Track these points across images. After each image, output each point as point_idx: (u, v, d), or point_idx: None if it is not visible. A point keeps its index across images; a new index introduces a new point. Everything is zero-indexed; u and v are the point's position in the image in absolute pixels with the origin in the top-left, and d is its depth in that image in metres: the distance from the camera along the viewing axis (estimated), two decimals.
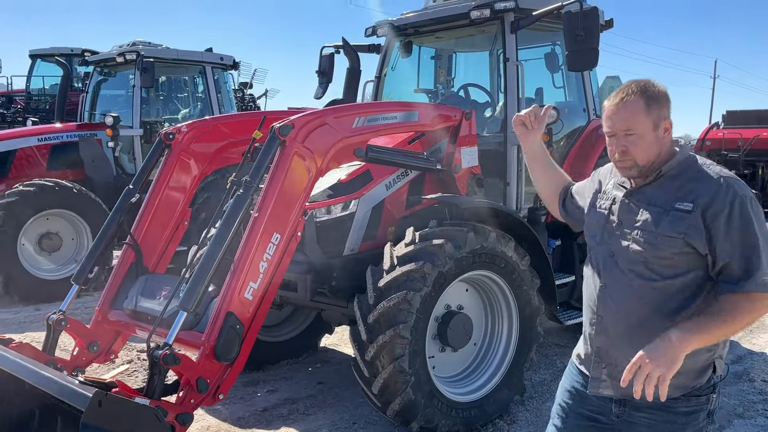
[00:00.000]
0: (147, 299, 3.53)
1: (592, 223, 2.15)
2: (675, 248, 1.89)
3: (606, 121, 2.03)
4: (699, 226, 1.86)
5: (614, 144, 2.00)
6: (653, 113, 1.95)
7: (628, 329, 1.97)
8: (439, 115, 4.51)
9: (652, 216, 1.94)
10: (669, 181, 1.97)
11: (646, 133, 1.95)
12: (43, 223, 7.10)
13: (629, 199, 2.04)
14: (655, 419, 1.98)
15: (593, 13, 4.32)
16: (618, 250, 2.02)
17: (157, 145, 4.02)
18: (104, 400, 2.23)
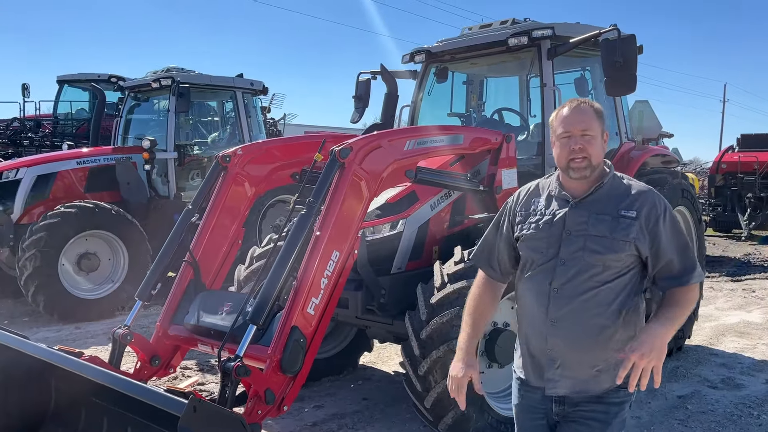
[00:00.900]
0: (209, 314, 3.67)
1: (539, 238, 2.24)
2: (626, 251, 2.14)
3: (562, 125, 2.21)
4: (643, 231, 2.13)
5: (570, 144, 2.17)
6: (601, 122, 2.22)
7: (584, 329, 2.16)
8: (481, 139, 4.67)
9: (605, 224, 2.15)
10: (608, 193, 2.20)
11: (598, 136, 2.20)
12: (82, 243, 7.29)
13: (577, 210, 2.20)
14: (593, 412, 2.19)
15: (631, 40, 4.50)
16: (571, 257, 2.17)
17: (215, 167, 4.18)
18: (198, 406, 2.35)
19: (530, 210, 2.31)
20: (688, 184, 6.05)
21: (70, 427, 3.63)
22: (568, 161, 2.19)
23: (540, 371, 2.24)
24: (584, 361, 2.17)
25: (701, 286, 3.04)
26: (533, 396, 2.28)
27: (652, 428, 4.33)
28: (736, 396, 4.91)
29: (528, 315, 2.28)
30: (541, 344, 2.22)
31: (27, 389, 3.61)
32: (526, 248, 2.29)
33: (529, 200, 2.33)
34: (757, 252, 12.94)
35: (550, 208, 2.26)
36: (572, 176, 2.20)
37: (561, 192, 2.26)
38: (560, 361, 2.19)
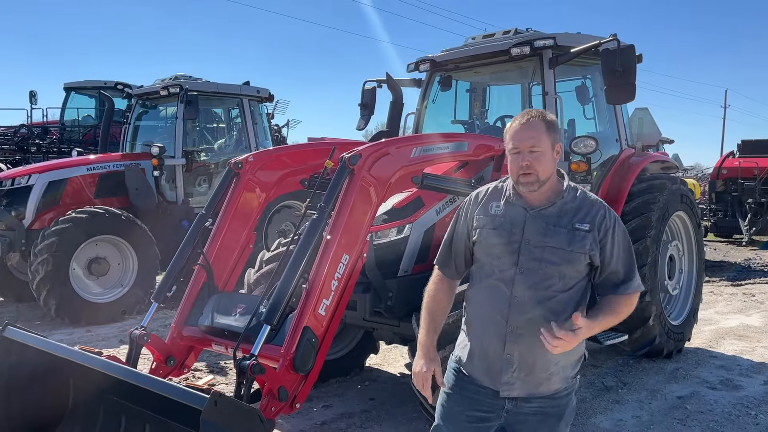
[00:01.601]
0: (223, 316, 3.80)
1: (497, 245, 2.30)
2: (582, 262, 2.25)
3: (512, 140, 2.29)
4: (596, 242, 2.24)
5: (519, 160, 2.25)
6: (552, 136, 2.28)
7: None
8: (485, 146, 4.81)
9: (561, 236, 2.24)
10: (564, 205, 2.29)
11: (546, 151, 2.25)
12: (93, 248, 7.42)
13: (535, 221, 2.27)
14: (547, 407, 2.31)
15: (630, 50, 4.64)
16: (530, 267, 2.24)
17: (227, 173, 4.31)
18: (219, 400, 2.48)
19: (488, 215, 2.35)
20: (687, 190, 6.18)
21: (88, 424, 3.75)
22: (518, 176, 2.28)
23: (494, 374, 2.31)
24: (539, 365, 2.26)
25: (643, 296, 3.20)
26: (480, 391, 2.35)
27: (652, 427, 4.45)
28: (734, 397, 5.03)
29: (484, 318, 2.34)
30: (498, 348, 2.29)
31: (46, 387, 3.73)
32: (484, 254, 2.34)
33: (487, 204, 2.37)
34: (758, 257, 13.05)
35: (509, 215, 2.31)
36: (521, 190, 2.30)
37: (519, 200, 2.32)
38: (517, 365, 2.27)
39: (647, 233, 5.45)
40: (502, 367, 2.28)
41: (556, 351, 2.10)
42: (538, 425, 2.32)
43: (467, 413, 2.37)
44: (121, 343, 6.42)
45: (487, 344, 2.32)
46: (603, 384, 5.30)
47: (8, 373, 3.60)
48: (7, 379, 3.59)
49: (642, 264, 5.39)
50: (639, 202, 5.57)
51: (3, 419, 3.62)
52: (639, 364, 5.80)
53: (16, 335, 3.57)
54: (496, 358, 2.30)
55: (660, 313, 5.62)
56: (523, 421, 2.32)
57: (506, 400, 2.31)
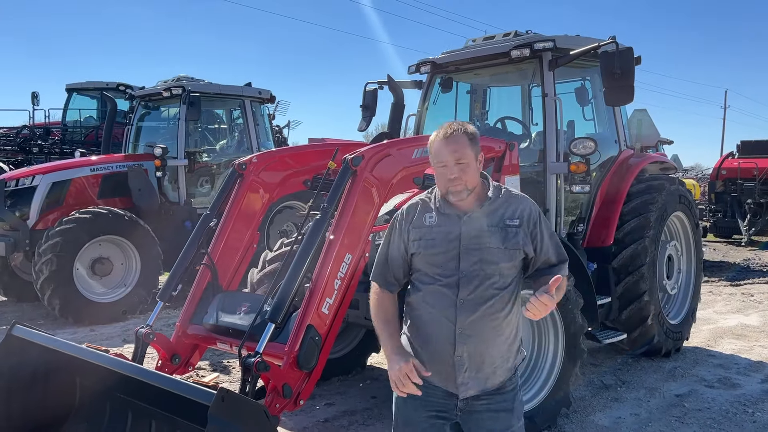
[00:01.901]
0: (227, 314, 3.86)
1: (437, 254, 2.35)
2: (517, 258, 2.37)
3: (437, 155, 2.36)
4: (527, 235, 2.37)
5: (447, 173, 2.33)
6: (474, 147, 2.36)
7: (488, 334, 2.34)
8: (485, 147, 4.85)
9: (496, 235, 2.34)
10: (492, 205, 2.39)
11: (471, 162, 2.34)
12: (96, 248, 7.50)
13: (468, 225, 2.35)
14: (497, 403, 2.40)
15: (628, 52, 4.70)
16: (471, 270, 2.31)
17: (232, 174, 4.38)
18: (226, 396, 2.54)
19: (424, 226, 2.40)
20: (686, 190, 6.23)
21: (94, 422, 3.80)
22: (447, 188, 2.36)
23: (446, 375, 2.37)
24: (487, 361, 2.36)
25: None
26: (431, 393, 2.38)
27: (650, 425, 4.51)
28: (731, 395, 5.09)
29: (430, 323, 2.38)
30: (448, 351, 2.35)
31: (53, 385, 3.78)
32: (425, 264, 2.39)
33: (421, 217, 2.43)
34: (757, 257, 13.10)
35: (443, 224, 2.38)
36: (451, 199, 2.37)
37: (450, 208, 2.39)
38: (467, 365, 2.34)
39: (646, 233, 5.51)
40: (455, 368, 2.35)
41: (538, 317, 2.24)
42: (491, 422, 2.39)
43: (423, 415, 2.43)
44: (124, 342, 6.48)
45: (437, 348, 2.38)
46: (602, 382, 5.36)
47: (17, 371, 3.65)
48: (15, 377, 3.65)
49: (641, 264, 5.45)
50: (638, 202, 5.63)
51: (11, 416, 3.67)
52: (638, 362, 5.86)
53: (24, 334, 3.63)
54: (446, 360, 2.36)
55: (659, 313, 5.68)
56: (477, 418, 2.39)
57: (458, 399, 2.38)
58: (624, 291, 5.47)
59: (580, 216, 5.68)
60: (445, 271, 2.34)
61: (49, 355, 3.63)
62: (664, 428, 4.45)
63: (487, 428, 2.40)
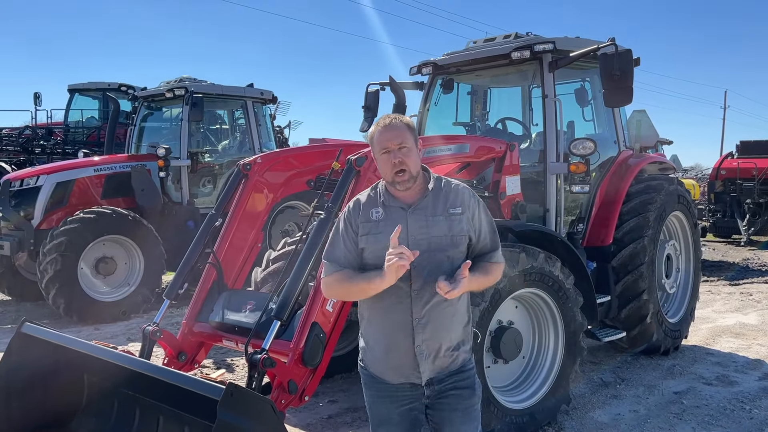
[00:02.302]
0: (233, 312, 3.93)
1: (384, 247, 2.31)
2: (463, 243, 2.45)
3: (380, 142, 2.43)
4: (469, 222, 2.46)
5: (391, 158, 2.40)
6: (413, 134, 2.46)
7: (443, 319, 2.43)
8: (486, 147, 4.93)
9: (441, 223, 2.42)
10: (435, 195, 2.47)
11: (413, 147, 2.43)
12: (100, 248, 7.57)
13: (414, 216, 2.42)
14: (460, 381, 2.50)
15: (627, 54, 4.76)
16: (421, 259, 2.34)
17: (236, 174, 4.44)
18: (235, 391, 2.60)
19: (371, 221, 2.45)
20: (684, 190, 6.30)
21: (102, 418, 3.86)
22: (392, 175, 2.41)
23: (408, 368, 2.45)
24: (444, 346, 2.45)
25: None
26: (398, 388, 2.47)
27: (649, 421, 4.57)
28: (729, 392, 5.15)
29: (386, 318, 2.45)
30: (408, 344, 2.42)
31: (61, 382, 3.84)
32: (375, 258, 2.40)
33: (368, 212, 2.47)
34: (756, 257, 13.16)
35: (390, 217, 2.43)
36: (398, 188, 2.43)
37: (395, 201, 2.46)
38: (426, 352, 2.43)
39: (645, 233, 5.57)
40: (419, 358, 2.43)
41: (453, 296, 2.30)
42: (455, 399, 2.49)
43: (396, 411, 2.50)
44: (129, 340, 6.54)
45: (396, 341, 2.45)
46: (601, 380, 5.43)
47: (26, 368, 3.71)
48: (25, 373, 3.71)
49: (640, 263, 5.51)
50: (637, 202, 5.69)
51: (21, 412, 3.73)
52: (637, 360, 5.93)
53: (33, 331, 3.69)
54: (407, 352, 2.44)
55: (657, 311, 5.74)
56: (443, 401, 2.49)
57: (424, 386, 2.46)
58: (623, 290, 5.54)
59: (580, 216, 5.74)
60: None
61: (58, 352, 3.69)
62: (662, 425, 4.52)
63: (453, 406, 2.50)
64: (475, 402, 2.55)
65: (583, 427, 4.46)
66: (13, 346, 3.69)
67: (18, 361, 3.70)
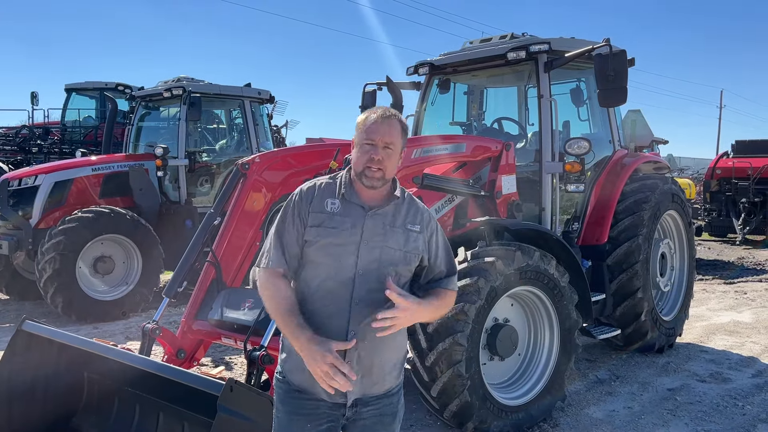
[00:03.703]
0: (232, 310, 3.97)
1: (337, 244, 2.18)
2: (414, 262, 2.26)
3: (368, 132, 2.20)
4: (425, 243, 2.28)
5: (372, 152, 2.18)
6: (404, 138, 2.27)
7: (381, 338, 2.15)
8: (483, 147, 4.99)
9: (398, 236, 2.22)
10: (398, 206, 2.27)
11: (397, 150, 2.24)
12: (98, 247, 7.59)
13: (372, 220, 2.21)
14: (384, 407, 2.27)
15: (622, 55, 4.81)
16: (369, 268, 2.17)
17: (235, 174, 4.48)
18: (234, 386, 2.65)
19: (325, 212, 2.22)
20: (679, 189, 6.36)
21: (103, 415, 3.91)
22: (364, 168, 2.20)
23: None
24: (376, 366, 2.22)
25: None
26: (317, 404, 2.22)
27: (643, 417, 4.63)
28: (723, 389, 5.21)
29: (322, 324, 2.18)
30: (338, 354, 2.14)
31: (61, 380, 3.88)
32: (320, 254, 2.20)
33: (321, 201, 2.24)
34: (751, 256, 13.25)
35: (347, 213, 2.22)
36: (364, 183, 2.21)
37: (356, 198, 2.25)
38: (357, 368, 2.17)
39: (639, 231, 5.63)
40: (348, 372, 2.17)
41: (395, 330, 2.11)
42: (375, 426, 2.28)
43: (310, 427, 2.24)
44: (127, 339, 6.57)
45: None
46: (596, 377, 5.48)
47: (27, 366, 3.75)
48: (25, 371, 3.75)
49: (634, 261, 5.57)
50: (631, 201, 5.75)
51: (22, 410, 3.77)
52: (631, 358, 5.99)
53: (34, 329, 3.73)
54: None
55: (652, 309, 5.80)
56: (364, 424, 2.26)
57: (345, 407, 2.22)
58: (618, 288, 5.60)
59: (575, 214, 5.80)
60: (341, 266, 2.18)
61: (59, 349, 3.74)
62: (656, 421, 4.58)
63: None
64: (394, 428, 2.35)
65: (578, 424, 4.52)
66: (14, 343, 3.73)
67: (19, 358, 3.74)
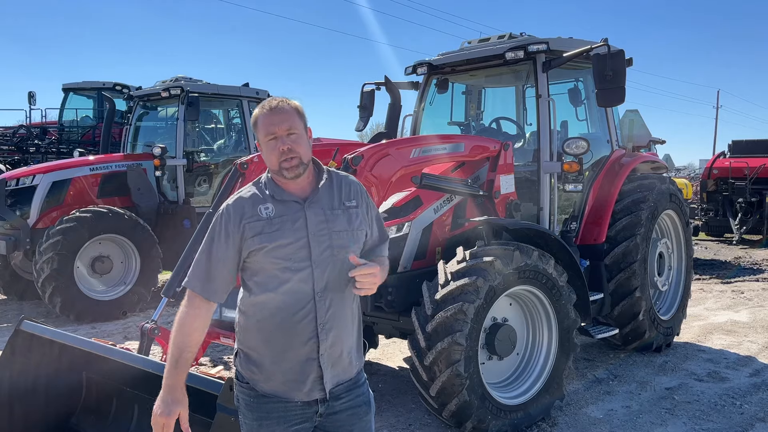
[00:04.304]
0: (231, 310, 3.97)
1: (286, 245, 2.14)
2: (362, 238, 2.28)
3: (266, 128, 2.15)
4: (364, 215, 2.28)
5: (279, 145, 2.13)
6: (303, 119, 2.22)
7: (345, 322, 2.22)
8: (481, 147, 4.99)
9: (340, 217, 2.21)
10: (328, 187, 2.25)
11: (303, 133, 2.19)
12: (96, 247, 7.59)
13: (311, 210, 2.17)
14: (356, 397, 2.28)
15: (620, 55, 4.82)
16: (322, 257, 2.15)
17: (234, 173, 4.48)
18: (234, 386, 2.64)
19: (262, 219, 2.15)
20: (676, 189, 6.37)
21: (101, 415, 3.91)
22: (279, 163, 2.14)
23: (311, 381, 2.18)
24: (345, 351, 2.22)
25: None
26: (288, 406, 2.19)
27: (641, 416, 4.64)
28: (720, 388, 5.23)
29: (284, 328, 2.15)
30: (309, 353, 2.15)
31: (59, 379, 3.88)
32: (271, 259, 2.14)
33: (253, 211, 2.16)
34: (748, 255, 13.29)
35: (284, 212, 2.17)
36: (287, 176, 2.15)
37: (287, 195, 2.19)
38: (330, 361, 2.18)
39: (637, 231, 5.64)
40: (321, 369, 2.17)
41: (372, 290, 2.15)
42: (351, 418, 2.28)
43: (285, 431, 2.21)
44: (125, 339, 6.57)
45: (295, 353, 2.17)
46: (595, 376, 5.49)
47: (25, 366, 3.75)
48: (24, 371, 3.74)
49: (632, 261, 5.58)
50: (629, 201, 5.76)
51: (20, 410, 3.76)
52: (629, 357, 6.00)
53: (32, 329, 3.72)
54: (309, 364, 2.17)
55: (650, 309, 5.81)
56: (338, 418, 2.26)
57: (318, 404, 2.21)
58: (616, 287, 5.61)
59: (573, 214, 5.81)
60: (295, 264, 2.14)
61: (57, 349, 3.73)
62: (654, 420, 4.59)
63: (349, 426, 2.28)
64: (370, 417, 2.35)
65: (576, 423, 4.53)
66: (12, 343, 3.72)
67: (18, 358, 3.73)
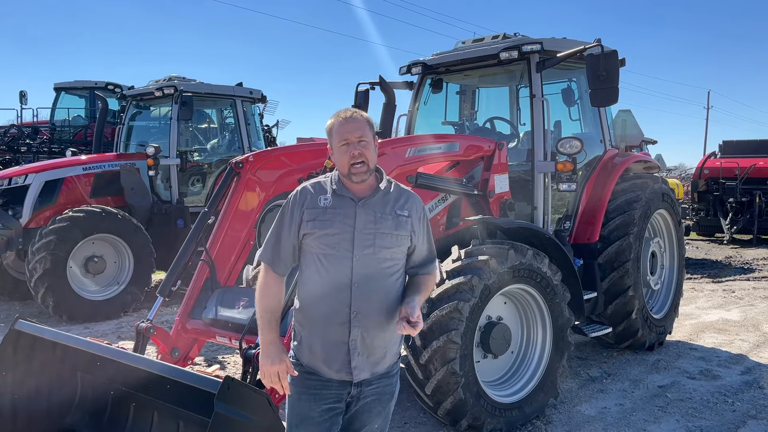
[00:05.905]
0: (226, 309, 3.98)
1: (333, 234, 2.38)
2: (405, 244, 2.47)
3: (339, 134, 2.42)
4: (413, 227, 2.47)
5: (351, 150, 2.39)
6: (372, 130, 2.48)
7: (381, 317, 2.41)
8: (476, 146, 5.01)
9: (388, 221, 2.42)
10: (385, 194, 2.47)
11: (371, 141, 2.44)
12: (89, 246, 7.55)
13: (363, 210, 2.41)
14: (383, 386, 2.49)
15: (613, 55, 4.86)
16: (365, 253, 2.38)
17: (229, 173, 4.48)
18: (231, 384, 2.65)
19: (318, 207, 2.42)
20: (668, 189, 6.42)
21: (96, 414, 3.89)
22: (349, 167, 2.40)
23: (340, 362, 2.40)
24: (379, 345, 2.43)
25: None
26: (326, 384, 2.43)
27: (634, 414, 4.68)
28: (712, 386, 5.27)
29: (324, 309, 2.40)
30: (342, 336, 2.39)
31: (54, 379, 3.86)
32: (318, 244, 2.40)
33: (315, 199, 2.43)
34: (738, 255, 13.39)
35: (339, 206, 2.41)
36: (354, 180, 2.41)
37: (346, 192, 2.44)
38: (360, 349, 2.39)
39: (630, 230, 5.68)
40: (351, 353, 2.39)
41: (415, 333, 2.31)
42: (374, 404, 2.49)
43: (318, 410, 2.44)
44: (119, 338, 6.55)
45: (331, 334, 2.41)
46: (588, 374, 5.53)
47: (19, 366, 3.73)
48: (18, 370, 3.73)
49: (625, 260, 5.62)
50: (622, 200, 5.80)
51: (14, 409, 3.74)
52: (622, 355, 6.04)
53: (27, 328, 3.71)
54: (340, 346, 2.40)
55: (642, 307, 5.85)
56: (363, 404, 2.47)
57: (351, 385, 2.43)
58: (609, 286, 5.65)
59: (567, 213, 5.84)
60: (339, 254, 2.38)
61: (52, 349, 3.72)
62: (647, 417, 4.62)
63: (370, 410, 2.49)
64: (391, 405, 2.56)
65: (570, 421, 4.55)
66: (6, 343, 3.71)
67: (12, 358, 3.71)
